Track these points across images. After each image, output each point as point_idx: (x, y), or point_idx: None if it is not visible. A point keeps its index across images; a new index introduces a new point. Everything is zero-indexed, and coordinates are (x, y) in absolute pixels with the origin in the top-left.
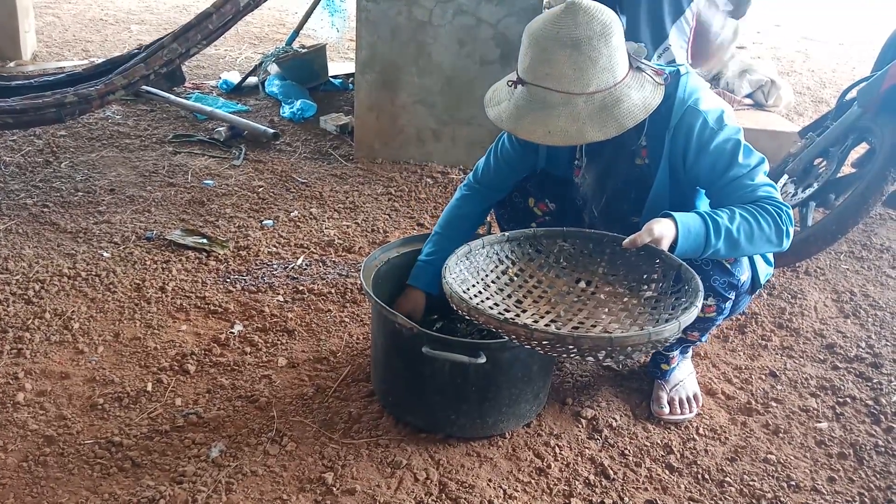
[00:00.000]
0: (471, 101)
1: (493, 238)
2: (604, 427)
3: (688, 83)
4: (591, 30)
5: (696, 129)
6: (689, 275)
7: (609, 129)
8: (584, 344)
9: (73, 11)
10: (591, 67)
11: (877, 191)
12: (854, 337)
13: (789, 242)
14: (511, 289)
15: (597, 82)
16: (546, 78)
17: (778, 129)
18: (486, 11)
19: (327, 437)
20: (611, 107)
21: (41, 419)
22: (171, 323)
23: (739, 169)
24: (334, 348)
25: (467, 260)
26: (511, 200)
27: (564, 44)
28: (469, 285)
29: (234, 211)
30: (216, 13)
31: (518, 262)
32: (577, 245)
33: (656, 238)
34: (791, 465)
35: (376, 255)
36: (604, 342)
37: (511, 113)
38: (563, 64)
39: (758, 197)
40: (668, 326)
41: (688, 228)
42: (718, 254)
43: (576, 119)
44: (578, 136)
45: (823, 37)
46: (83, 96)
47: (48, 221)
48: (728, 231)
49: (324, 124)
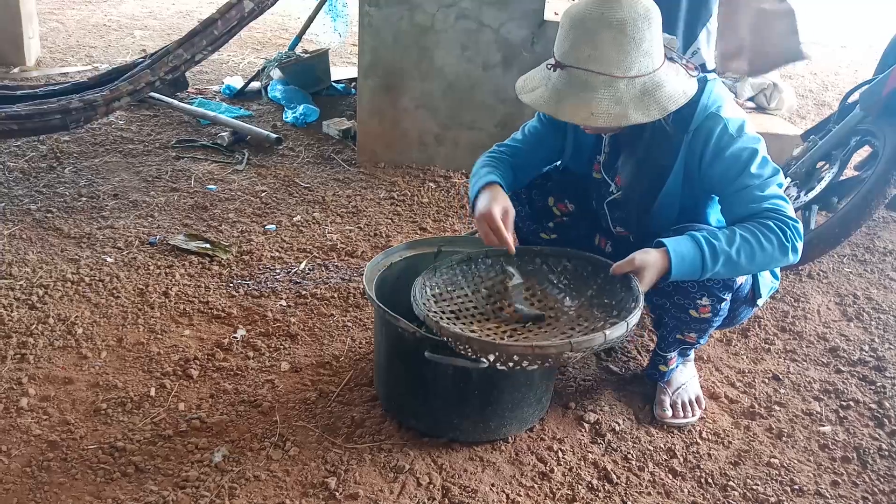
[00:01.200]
0: (473, 106)
1: (499, 250)
2: (607, 431)
3: (713, 90)
4: (636, 12)
5: (716, 133)
6: (637, 305)
7: (652, 112)
8: (474, 345)
9: (76, 17)
10: (635, 50)
11: (879, 194)
12: (857, 340)
13: (798, 257)
14: (501, 297)
15: (638, 66)
16: (588, 60)
17: (780, 132)
18: (488, 16)
19: (330, 441)
20: (652, 91)
21: (45, 424)
22: (175, 328)
23: (751, 179)
24: (337, 353)
25: (466, 266)
26: (530, 198)
27: (610, 24)
28: (458, 287)
29: (237, 216)
30: (221, 19)
31: (518, 275)
32: (579, 266)
33: (637, 267)
34: (794, 468)
35: (379, 259)
36: (489, 346)
37: (551, 96)
38: (607, 45)
39: (764, 210)
40: (555, 342)
41: (681, 256)
42: (719, 275)
43: (619, 101)
44: (622, 117)
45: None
46: (88, 102)
47: (52, 227)
48: (727, 254)
49: (326, 129)
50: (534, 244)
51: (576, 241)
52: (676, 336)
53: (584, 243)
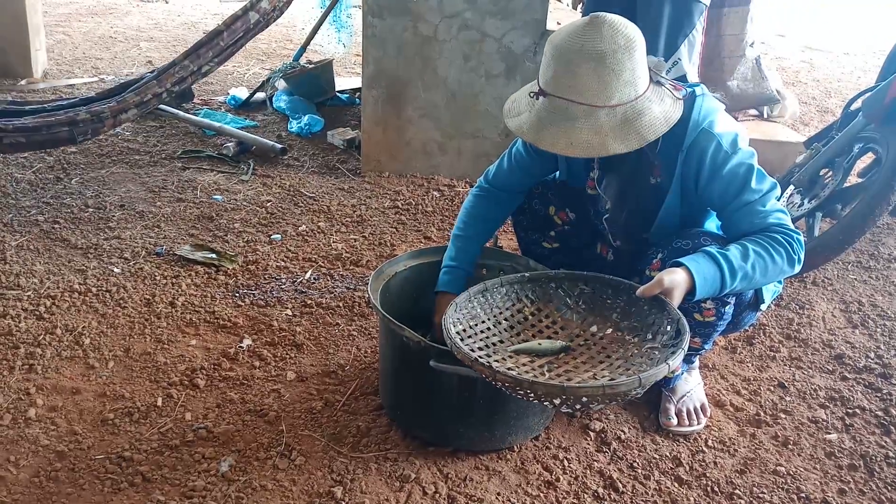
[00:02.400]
0: (476, 115)
1: (513, 277)
2: (612, 440)
3: (703, 105)
4: (616, 43)
5: (710, 152)
6: (684, 330)
7: (631, 142)
8: (539, 390)
9: (83, 29)
10: (615, 80)
11: (883, 200)
12: (863, 347)
13: (800, 267)
14: (522, 327)
15: (619, 95)
16: (569, 90)
17: (783, 139)
18: (490, 26)
19: (336, 451)
20: (632, 119)
21: (52, 434)
22: (181, 338)
23: (751, 194)
24: (342, 362)
25: (482, 297)
26: (531, 207)
27: (589, 56)
28: (479, 321)
29: (243, 226)
30: (227, 31)
31: (536, 302)
32: (598, 289)
33: (667, 289)
34: (801, 477)
35: (384, 268)
36: (557, 390)
37: (533, 124)
38: (587, 76)
39: (768, 224)
40: (624, 380)
41: (704, 277)
42: (735, 291)
43: (598, 131)
44: (601, 147)
45: (828, 46)
46: (96, 114)
47: (59, 237)
48: (743, 271)
49: (331, 139)
50: (537, 253)
51: (578, 250)
52: None
53: (587, 252)
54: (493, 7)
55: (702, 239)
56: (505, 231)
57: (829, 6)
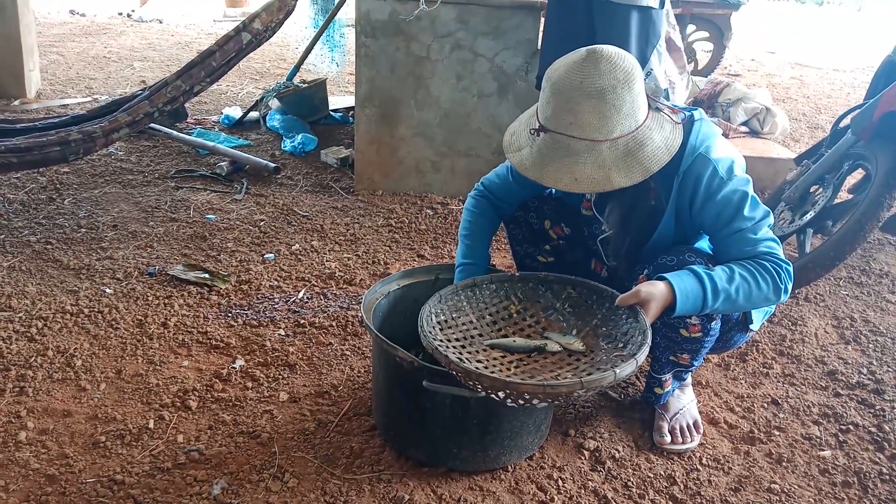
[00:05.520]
0: (469, 133)
1: (503, 276)
2: (606, 458)
3: (701, 129)
4: (615, 78)
5: (706, 177)
6: (646, 341)
7: (635, 175)
8: (484, 381)
9: (76, 49)
10: (616, 115)
11: (873, 216)
12: (855, 363)
13: (787, 297)
14: (506, 324)
15: (620, 128)
16: (570, 127)
17: (774, 156)
18: (482, 46)
19: (329, 472)
20: (635, 151)
21: (43, 458)
22: (173, 359)
23: (744, 222)
24: (336, 382)
25: (470, 291)
26: (527, 221)
27: (589, 94)
28: (463, 313)
29: (236, 245)
30: (219, 51)
31: (524, 301)
32: (584, 294)
33: (643, 300)
34: (795, 494)
35: (377, 287)
36: (500, 384)
37: (535, 160)
38: (587, 113)
39: (759, 253)
40: (566, 381)
41: (685, 294)
42: (716, 311)
43: (601, 165)
44: (605, 182)
45: (818, 63)
46: (87, 134)
47: (51, 258)
48: (727, 292)
49: (324, 157)
50: (532, 267)
51: (572, 266)
52: (669, 357)
53: (581, 267)
54: (485, 27)
55: (686, 255)
56: (497, 249)
57: (819, 23)
